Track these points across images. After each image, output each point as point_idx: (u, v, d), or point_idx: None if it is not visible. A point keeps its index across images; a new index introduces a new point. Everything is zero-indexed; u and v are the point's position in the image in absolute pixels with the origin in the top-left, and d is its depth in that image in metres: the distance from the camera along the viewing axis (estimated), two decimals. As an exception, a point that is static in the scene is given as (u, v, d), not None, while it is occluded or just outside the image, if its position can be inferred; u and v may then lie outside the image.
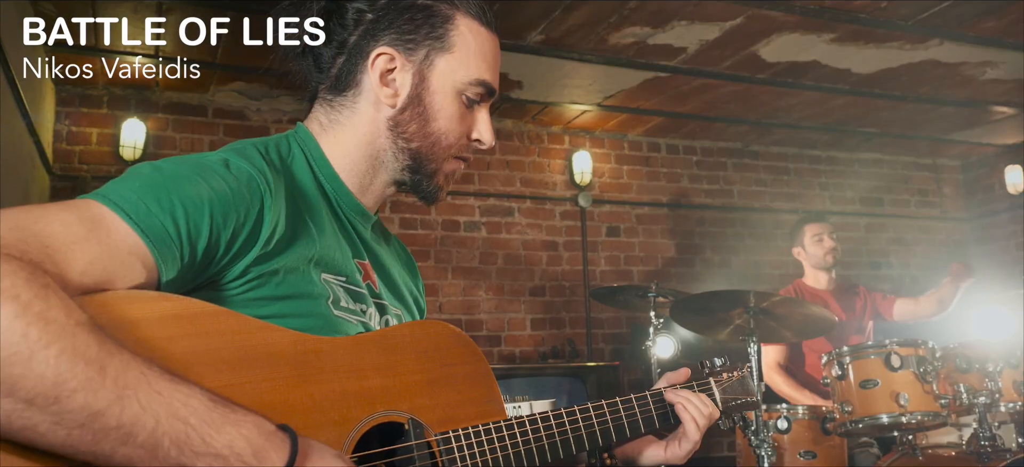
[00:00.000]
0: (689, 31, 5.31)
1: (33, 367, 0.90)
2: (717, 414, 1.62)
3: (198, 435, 0.97)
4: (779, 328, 3.92)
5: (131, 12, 4.81)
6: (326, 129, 1.47)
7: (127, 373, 0.95)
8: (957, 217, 8.67)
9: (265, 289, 1.24)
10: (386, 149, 1.45)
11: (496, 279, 6.78)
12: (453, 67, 1.42)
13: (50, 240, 1.02)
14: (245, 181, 1.23)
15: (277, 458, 1.01)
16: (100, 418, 0.93)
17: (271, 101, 6.20)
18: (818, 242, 4.90)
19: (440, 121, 1.43)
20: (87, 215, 1.08)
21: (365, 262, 1.48)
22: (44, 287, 0.94)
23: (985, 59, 5.93)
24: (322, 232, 1.36)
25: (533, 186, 7.06)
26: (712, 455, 6.98)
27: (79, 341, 0.93)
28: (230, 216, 1.19)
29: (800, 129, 7.45)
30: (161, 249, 1.11)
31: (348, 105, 1.46)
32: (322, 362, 1.21)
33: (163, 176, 1.17)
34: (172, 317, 1.10)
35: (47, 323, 0.92)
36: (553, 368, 6.27)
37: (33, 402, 0.90)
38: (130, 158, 5.79)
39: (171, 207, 1.13)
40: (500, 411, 1.40)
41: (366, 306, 1.41)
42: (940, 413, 3.43)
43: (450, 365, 1.35)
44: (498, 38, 1.50)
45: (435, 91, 1.42)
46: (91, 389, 0.92)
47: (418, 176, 1.47)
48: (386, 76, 1.42)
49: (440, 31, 1.42)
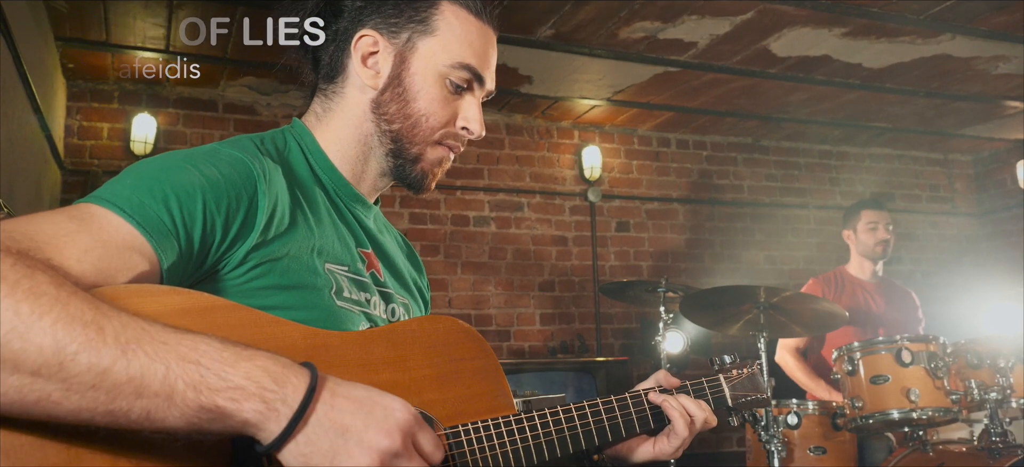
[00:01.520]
0: (699, 26, 5.30)
1: (31, 339, 0.91)
2: (713, 420, 1.60)
3: (213, 373, 0.97)
4: (789, 323, 3.91)
5: (142, 8, 4.82)
6: (321, 119, 1.49)
7: (127, 330, 0.96)
8: (968, 212, 8.64)
9: (267, 278, 1.24)
10: (372, 134, 1.47)
11: (506, 274, 6.78)
12: (434, 50, 1.43)
13: (40, 237, 1.04)
14: (237, 167, 1.24)
15: (298, 382, 1.01)
16: (109, 375, 0.93)
17: (281, 96, 6.22)
18: (872, 230, 4.72)
19: (420, 102, 1.43)
20: (77, 214, 1.10)
21: (368, 251, 1.48)
22: (29, 267, 0.95)
23: (997, 54, 5.90)
24: (320, 222, 1.37)
25: (543, 181, 7.06)
26: (722, 450, 6.97)
27: (73, 307, 0.94)
28: (222, 201, 1.19)
29: (811, 124, 7.43)
30: (158, 238, 1.12)
31: (338, 91, 1.48)
32: (331, 356, 1.21)
33: (154, 169, 1.18)
34: (182, 311, 1.10)
35: (37, 296, 0.92)
36: (562, 363, 6.27)
37: (40, 372, 0.91)
38: (141, 153, 5.81)
39: (164, 197, 1.14)
40: (509, 406, 1.40)
41: (370, 295, 1.42)
42: (951, 409, 3.42)
43: (459, 360, 1.35)
44: (492, 29, 1.50)
45: (415, 72, 1.43)
46: (93, 348, 0.93)
47: (400, 160, 1.47)
48: (368, 58, 1.44)
49: (423, 14, 1.43)
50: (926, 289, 8.02)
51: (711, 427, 1.59)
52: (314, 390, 1.01)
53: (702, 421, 1.56)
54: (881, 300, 4.71)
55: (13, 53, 3.98)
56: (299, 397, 1.00)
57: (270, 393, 0.99)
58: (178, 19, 4.96)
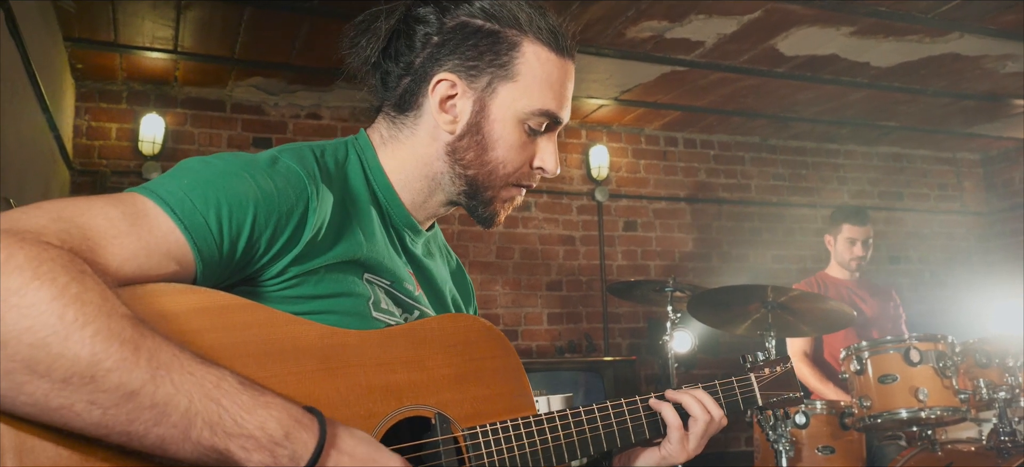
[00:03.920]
0: (707, 25, 5.29)
1: (70, 346, 0.91)
2: (725, 421, 1.59)
3: (230, 416, 0.99)
4: (797, 323, 3.91)
5: (150, 8, 4.84)
6: (386, 142, 1.47)
7: (160, 354, 0.97)
8: (977, 211, 8.61)
9: (303, 288, 1.25)
10: (443, 173, 1.44)
11: (513, 273, 6.79)
12: (515, 96, 1.39)
13: (92, 232, 1.04)
14: (293, 181, 1.24)
15: (308, 438, 1.03)
16: (135, 398, 0.94)
17: (289, 96, 6.22)
18: (850, 245, 4.83)
19: (498, 150, 1.41)
20: (131, 210, 1.10)
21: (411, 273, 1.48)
22: (81, 272, 0.96)
23: (1006, 52, 5.88)
24: (371, 237, 1.37)
25: (550, 180, 7.03)
26: (730, 450, 6.97)
27: (114, 323, 0.95)
28: (272, 215, 1.19)
29: (818, 123, 7.42)
30: (201, 245, 1.13)
31: (409, 125, 1.44)
32: (349, 355, 1.21)
33: (211, 172, 1.18)
34: (200, 310, 1.11)
35: (83, 304, 0.93)
36: (570, 363, 6.27)
37: (69, 381, 0.91)
38: (149, 153, 5.83)
39: (216, 204, 1.14)
40: (530, 406, 1.39)
41: (410, 315, 1.41)
42: (960, 408, 3.42)
43: (479, 359, 1.35)
44: (572, 61, 1.45)
45: (495, 120, 1.40)
46: (126, 368, 0.94)
47: (474, 202, 1.46)
48: (446, 102, 1.40)
49: (504, 58, 1.39)
50: (934, 288, 8.03)
51: (723, 427, 1.59)
52: (321, 449, 1.03)
53: (719, 419, 1.56)
54: (868, 298, 4.77)
55: (22, 53, 3.99)
56: (307, 454, 1.02)
57: (279, 448, 1.01)
58: (186, 20, 4.97)
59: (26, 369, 0.90)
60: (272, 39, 5.31)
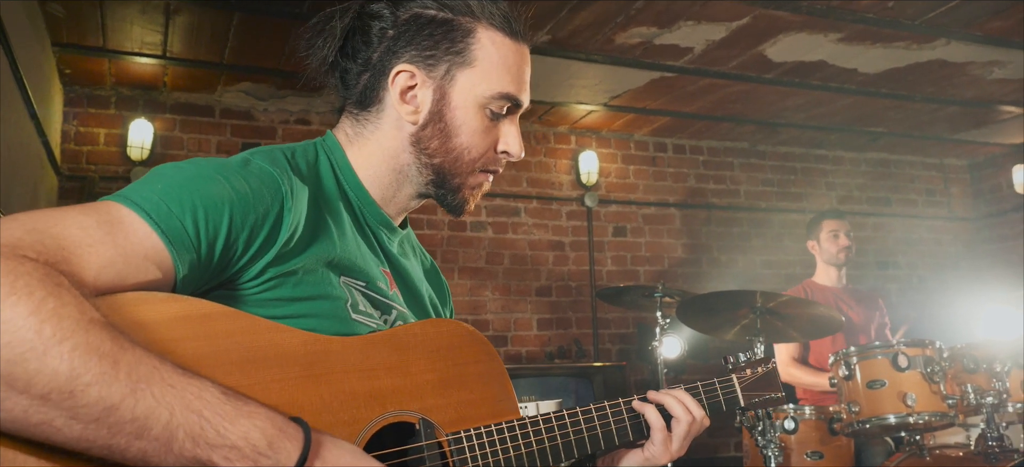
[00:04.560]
0: (695, 31, 5.31)
1: (48, 362, 0.91)
2: (707, 421, 1.59)
3: (212, 427, 0.98)
4: (786, 328, 3.92)
5: (139, 13, 4.82)
6: (352, 140, 1.48)
7: (140, 367, 0.96)
8: (964, 217, 8.65)
9: (282, 290, 1.24)
10: (410, 164, 1.45)
11: (502, 279, 6.78)
12: (474, 81, 1.41)
13: (67, 242, 1.04)
14: (267, 182, 1.24)
15: (292, 448, 1.02)
16: (115, 412, 0.94)
17: (278, 101, 6.21)
18: (833, 238, 4.90)
19: (462, 136, 1.42)
20: (106, 218, 1.09)
21: (387, 272, 1.48)
22: (57, 286, 0.95)
23: (992, 59, 5.91)
24: (343, 236, 1.37)
25: (539, 186, 7.06)
26: (719, 456, 6.97)
27: (92, 336, 0.94)
28: (248, 216, 1.19)
29: (807, 129, 7.44)
30: (179, 249, 1.12)
31: (372, 120, 1.46)
32: (332, 362, 1.21)
33: (184, 176, 1.18)
34: (181, 318, 1.10)
35: (61, 319, 0.93)
36: (559, 368, 6.27)
37: (48, 398, 0.91)
38: (137, 158, 5.81)
39: (192, 207, 1.14)
40: (514, 410, 1.40)
41: (388, 315, 1.41)
42: (947, 413, 3.43)
43: (463, 364, 1.35)
44: (527, 45, 1.48)
45: (456, 107, 1.41)
46: (105, 382, 0.93)
47: (442, 190, 1.47)
48: (406, 93, 1.42)
49: (460, 45, 1.41)
50: (922, 294, 8.06)
51: (705, 428, 1.59)
52: (305, 458, 1.03)
53: (701, 419, 1.55)
54: (855, 305, 4.81)
55: (10, 58, 3.98)
56: (290, 463, 1.02)
57: (263, 457, 1.00)
58: (175, 25, 4.96)
59: (4, 385, 0.90)
60: (261, 44, 5.30)
